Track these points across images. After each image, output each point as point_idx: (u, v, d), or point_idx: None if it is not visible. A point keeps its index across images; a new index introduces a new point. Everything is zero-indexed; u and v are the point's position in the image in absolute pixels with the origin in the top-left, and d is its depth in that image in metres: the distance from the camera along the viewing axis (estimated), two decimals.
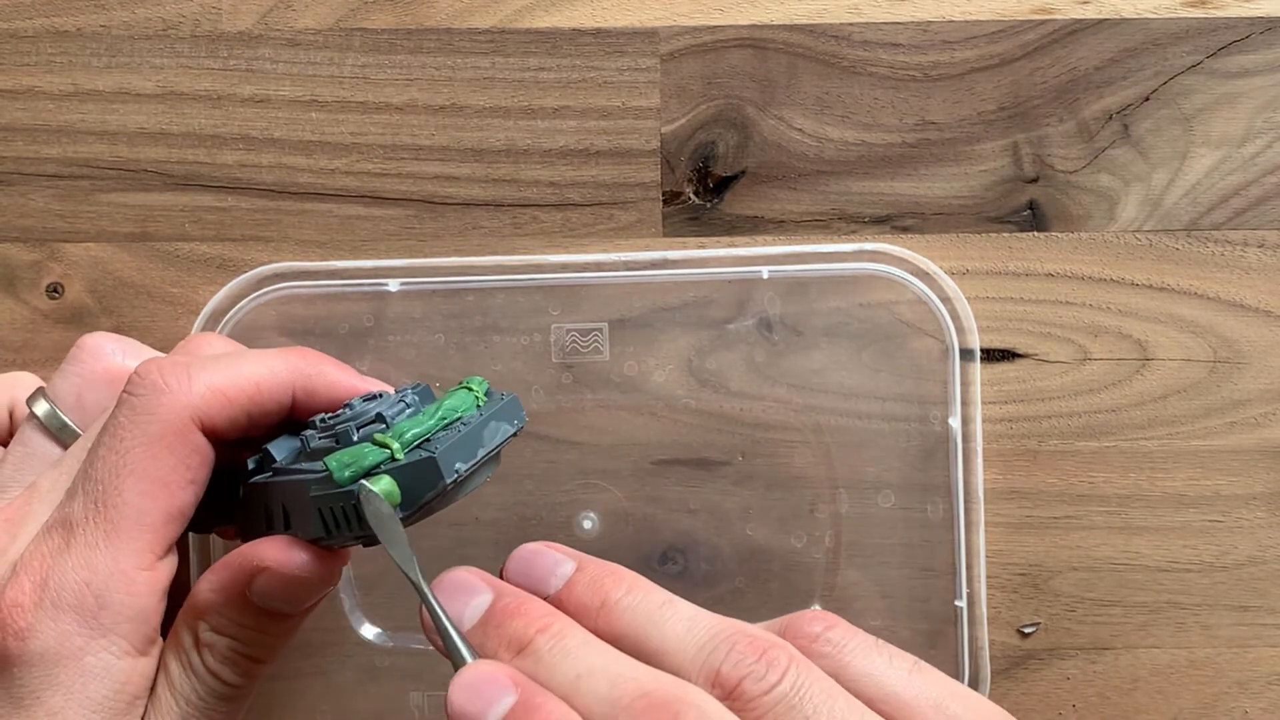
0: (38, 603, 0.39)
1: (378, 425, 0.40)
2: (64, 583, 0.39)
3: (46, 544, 0.40)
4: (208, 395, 0.40)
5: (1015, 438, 0.55)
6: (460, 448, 0.40)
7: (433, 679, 0.54)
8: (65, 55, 0.55)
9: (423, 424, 0.40)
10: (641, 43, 0.55)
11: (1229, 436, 0.55)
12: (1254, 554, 0.55)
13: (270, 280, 0.53)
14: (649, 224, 0.55)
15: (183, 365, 0.41)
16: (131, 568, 0.39)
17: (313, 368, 0.43)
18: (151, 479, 0.40)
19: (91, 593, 0.39)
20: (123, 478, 0.40)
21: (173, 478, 0.40)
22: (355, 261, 0.54)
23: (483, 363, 0.52)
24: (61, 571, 0.39)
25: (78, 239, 0.55)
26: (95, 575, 0.39)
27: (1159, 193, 0.55)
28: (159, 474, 0.40)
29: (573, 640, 0.37)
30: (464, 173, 0.55)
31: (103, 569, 0.39)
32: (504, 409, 0.42)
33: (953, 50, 0.55)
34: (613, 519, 0.54)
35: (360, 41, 0.55)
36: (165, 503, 0.40)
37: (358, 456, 0.39)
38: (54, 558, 0.39)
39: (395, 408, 0.41)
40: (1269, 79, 0.55)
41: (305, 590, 0.41)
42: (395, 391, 0.43)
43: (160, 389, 0.40)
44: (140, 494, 0.40)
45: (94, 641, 0.39)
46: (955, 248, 0.55)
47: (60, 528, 0.40)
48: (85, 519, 0.40)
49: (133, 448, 0.40)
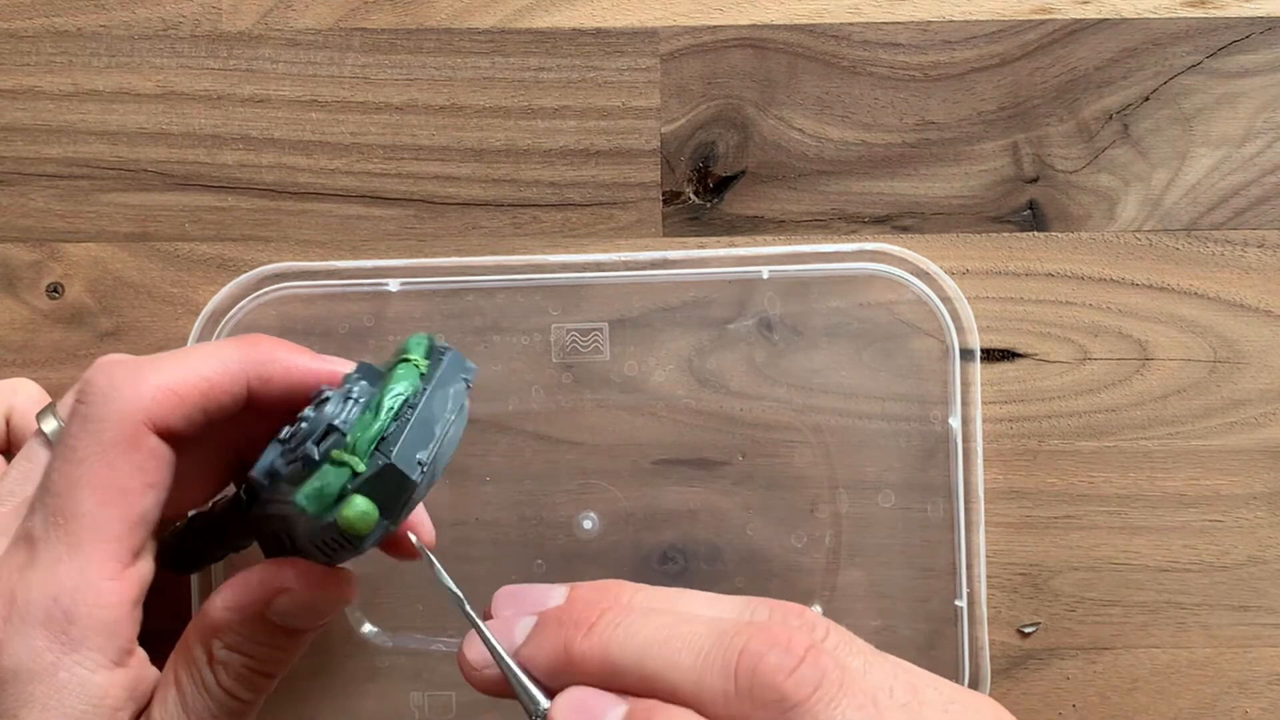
0: (5, 619, 0.39)
1: (334, 437, 0.39)
2: (30, 599, 0.39)
3: (12, 560, 0.40)
4: (158, 396, 0.40)
5: (1015, 438, 0.55)
6: (417, 437, 0.39)
7: (433, 679, 0.54)
8: (65, 55, 0.55)
9: (372, 424, 0.39)
10: (641, 43, 0.55)
11: (1229, 436, 0.55)
12: (1254, 554, 0.55)
13: (270, 280, 0.53)
14: (649, 224, 0.55)
15: (131, 366, 0.40)
16: (97, 578, 0.39)
17: (265, 355, 0.42)
18: (108, 487, 0.39)
19: (60, 607, 0.39)
20: (79, 489, 0.39)
21: (130, 484, 0.40)
22: (355, 262, 0.54)
23: (483, 363, 0.52)
24: (27, 587, 0.39)
25: (78, 239, 0.55)
26: (61, 589, 0.39)
27: (1159, 193, 0.55)
28: (116, 481, 0.39)
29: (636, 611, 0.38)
30: (464, 173, 0.55)
31: (68, 582, 0.39)
32: (448, 370, 0.41)
33: (953, 50, 0.55)
34: (613, 519, 0.54)
35: (360, 41, 0.55)
36: (125, 510, 0.39)
37: (323, 484, 0.38)
38: (19, 574, 0.39)
39: (345, 409, 0.40)
40: (1269, 79, 0.55)
41: (327, 608, 0.41)
42: (342, 381, 0.42)
43: (109, 395, 0.40)
44: (98, 504, 0.39)
45: (66, 656, 0.39)
46: (955, 248, 0.55)
47: (23, 543, 0.40)
48: (46, 533, 0.39)
49: (86, 457, 0.39)
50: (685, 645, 0.36)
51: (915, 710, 0.35)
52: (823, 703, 0.34)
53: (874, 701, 0.34)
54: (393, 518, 0.39)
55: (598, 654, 0.36)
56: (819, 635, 0.36)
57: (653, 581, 0.39)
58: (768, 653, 0.34)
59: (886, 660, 0.36)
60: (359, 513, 0.38)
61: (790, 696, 0.34)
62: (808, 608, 0.37)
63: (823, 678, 0.34)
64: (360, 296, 0.53)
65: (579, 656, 0.37)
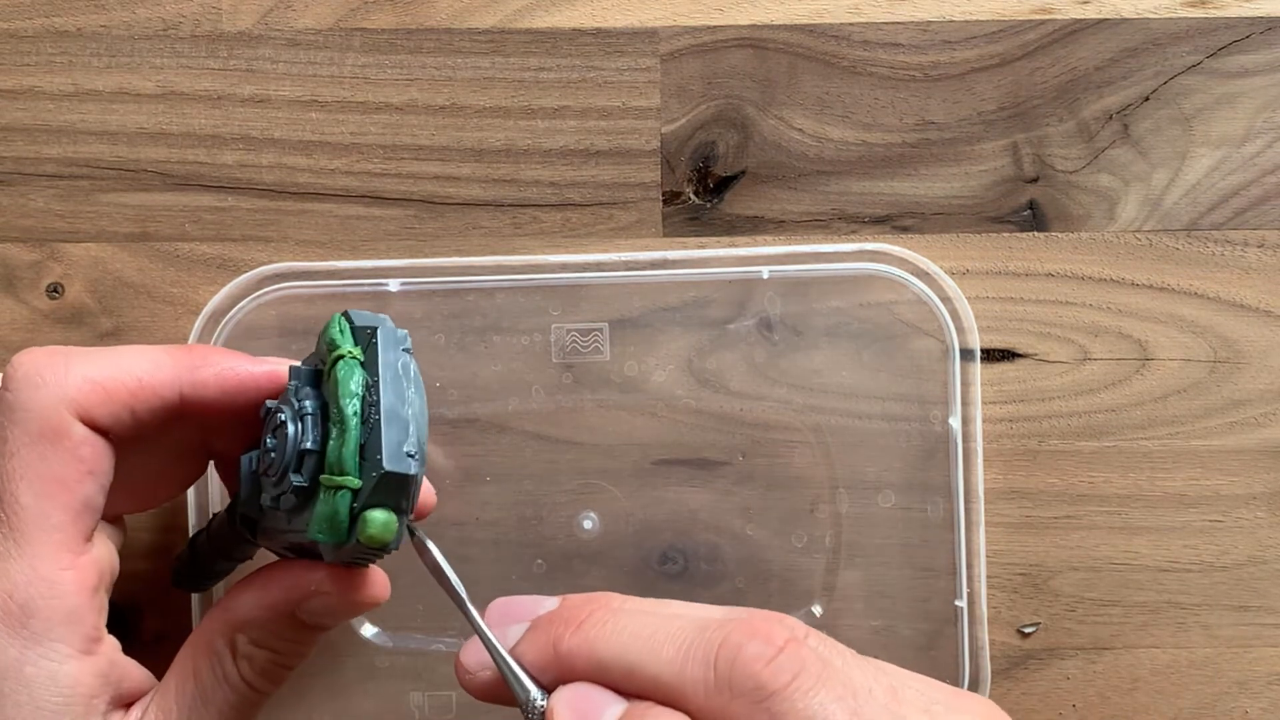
0: None
1: (313, 460, 0.39)
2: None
3: None
4: (84, 387, 0.40)
5: (1015, 438, 0.55)
6: (393, 433, 0.38)
7: (433, 679, 0.54)
8: (65, 55, 0.55)
9: (347, 438, 0.38)
10: (641, 43, 0.55)
11: (1229, 436, 0.55)
12: (1254, 554, 0.55)
13: (271, 280, 0.53)
14: (649, 224, 0.55)
15: (60, 355, 0.40)
16: (50, 570, 0.39)
17: (200, 361, 0.42)
18: (44, 478, 0.39)
19: (15, 602, 0.38)
20: (14, 482, 0.39)
21: (66, 473, 0.39)
22: (355, 262, 0.54)
23: (483, 363, 0.52)
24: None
25: (78, 239, 0.55)
26: (15, 585, 0.38)
27: (1159, 193, 0.55)
28: (50, 472, 0.39)
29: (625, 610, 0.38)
30: (464, 173, 0.55)
31: (20, 577, 0.39)
32: (385, 349, 0.40)
33: (953, 50, 0.55)
34: (613, 519, 0.54)
35: (360, 41, 0.55)
36: (65, 499, 0.39)
37: (331, 512, 0.38)
38: None
39: (305, 427, 0.39)
40: (1269, 79, 0.55)
41: (361, 609, 0.42)
42: (285, 394, 0.41)
43: (35, 383, 0.39)
44: (36, 495, 0.39)
45: (29, 650, 0.38)
46: (955, 248, 0.55)
47: None
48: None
49: (18, 450, 0.39)
50: (668, 639, 0.36)
51: (894, 709, 0.35)
52: (800, 691, 0.34)
53: (853, 694, 0.34)
54: (408, 511, 0.39)
55: (584, 650, 0.37)
56: (800, 633, 0.36)
57: (653, 582, 0.39)
58: (747, 643, 0.35)
59: (869, 662, 0.36)
60: (380, 525, 0.38)
61: (768, 685, 0.34)
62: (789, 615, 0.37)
63: (801, 668, 0.34)
64: (360, 296, 0.53)
65: (566, 652, 0.37)
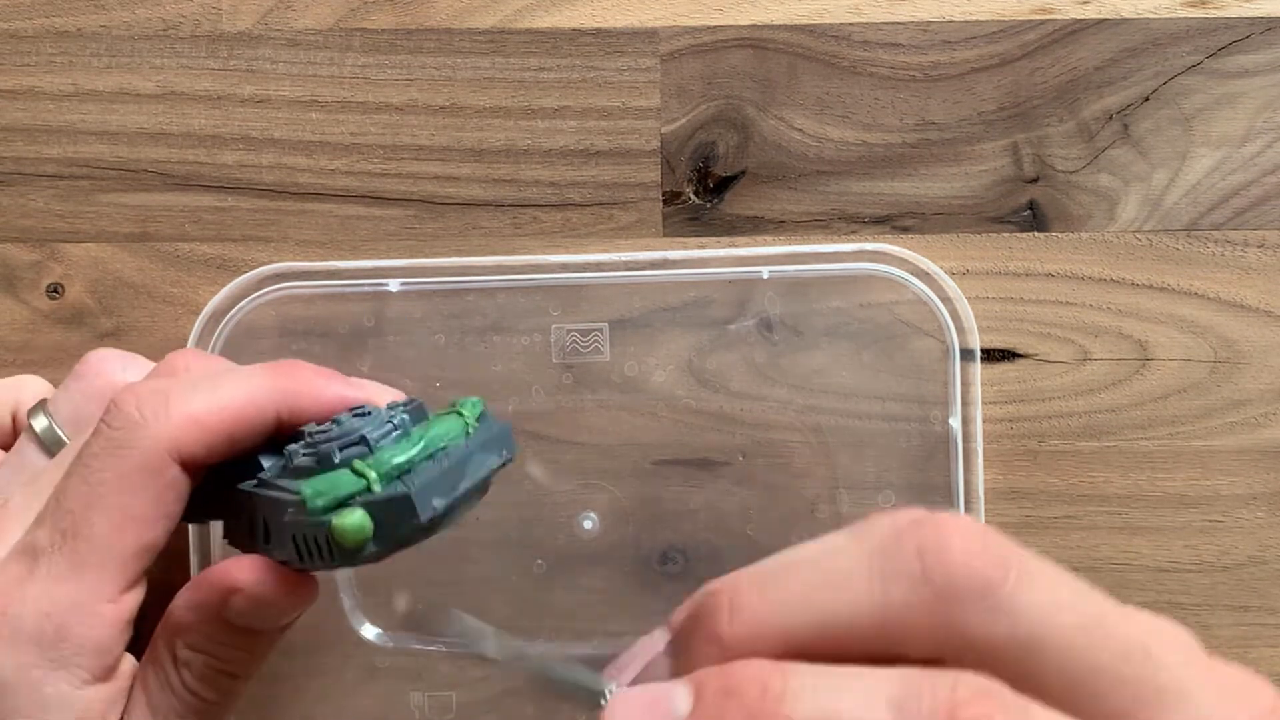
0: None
1: (360, 449, 0.39)
2: (23, 613, 0.38)
3: (9, 571, 0.39)
4: (185, 425, 0.40)
5: (1015, 438, 0.55)
6: (441, 482, 0.38)
7: (433, 679, 0.54)
8: (65, 55, 0.55)
9: (405, 452, 0.38)
10: (641, 43, 0.55)
11: (1229, 437, 0.55)
12: (1254, 554, 0.55)
13: (270, 280, 0.53)
14: (649, 224, 0.55)
15: (161, 394, 0.40)
16: (95, 601, 0.39)
17: (298, 384, 0.42)
18: (123, 514, 0.39)
19: (52, 624, 0.38)
20: (94, 510, 0.39)
21: (146, 513, 0.39)
22: (355, 262, 0.54)
23: (483, 363, 0.52)
24: (21, 602, 0.39)
25: (78, 239, 0.55)
26: (56, 607, 0.38)
27: (1159, 193, 0.55)
28: (131, 510, 0.39)
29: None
30: (464, 173, 0.55)
31: (65, 601, 0.39)
32: (494, 439, 0.41)
33: (953, 50, 0.55)
34: (613, 519, 0.54)
35: (360, 41, 0.55)
36: (135, 538, 0.39)
37: (333, 485, 0.38)
38: (15, 587, 0.39)
39: (382, 429, 0.40)
40: (1269, 79, 0.55)
41: (281, 611, 0.40)
42: (387, 407, 0.41)
43: (137, 422, 0.39)
44: (111, 528, 0.39)
45: (53, 673, 0.39)
46: (955, 248, 0.55)
47: (24, 555, 0.39)
48: (51, 549, 0.39)
49: (105, 480, 0.39)
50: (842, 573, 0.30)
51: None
52: (1025, 578, 0.28)
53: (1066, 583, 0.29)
54: (382, 547, 0.38)
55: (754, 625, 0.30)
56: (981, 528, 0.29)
57: (653, 582, 0.39)
58: (946, 539, 0.29)
59: None
60: (355, 524, 0.37)
61: (993, 579, 0.28)
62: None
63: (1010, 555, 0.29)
64: (360, 297, 0.53)
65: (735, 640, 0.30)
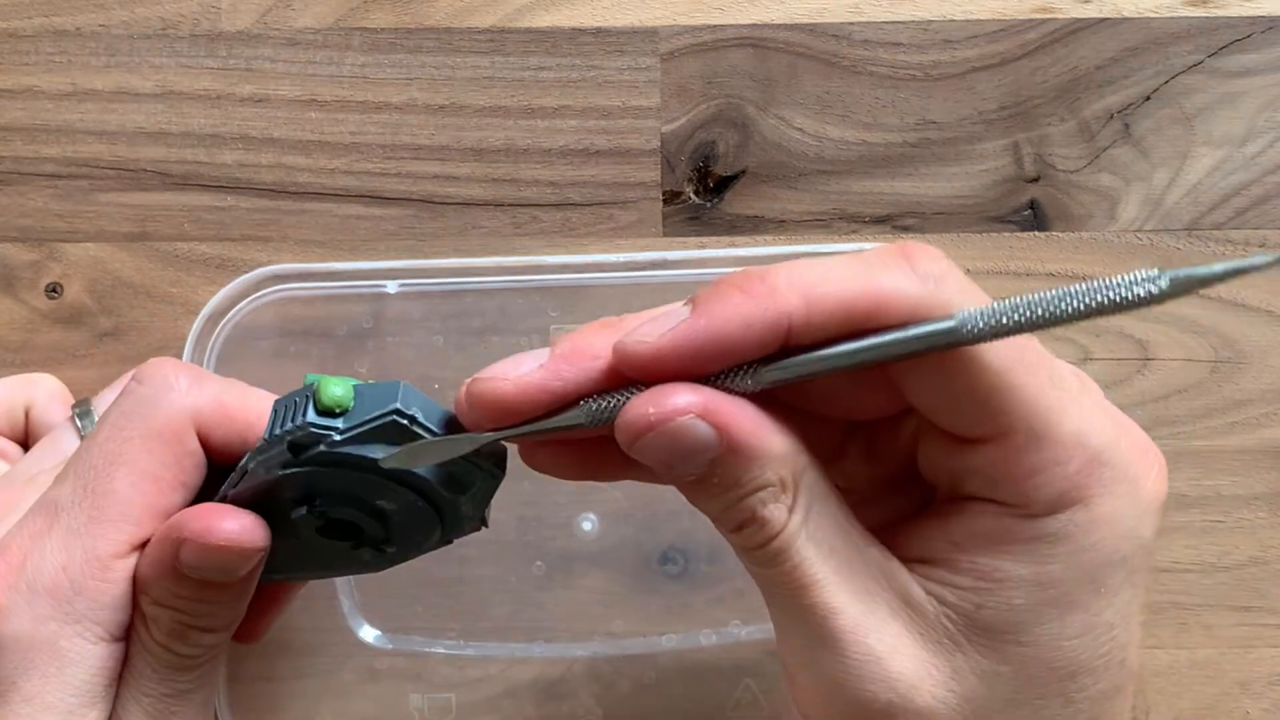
0: (13, 585, 0.39)
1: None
2: (41, 566, 0.39)
3: (30, 526, 0.40)
4: (213, 405, 0.40)
5: None
6: (426, 404, 0.38)
7: (432, 680, 0.54)
8: (65, 55, 0.54)
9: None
10: (641, 42, 0.55)
11: (1230, 437, 0.55)
12: (1255, 554, 0.55)
13: (269, 282, 0.53)
14: (649, 224, 0.55)
15: (196, 370, 0.41)
16: (108, 555, 0.39)
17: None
18: (144, 472, 0.39)
19: (68, 577, 0.39)
20: (115, 466, 0.39)
21: (165, 474, 0.40)
22: (354, 264, 0.54)
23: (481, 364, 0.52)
24: (40, 554, 0.39)
25: (77, 239, 0.55)
26: (72, 560, 0.39)
27: (1160, 192, 0.55)
28: (152, 469, 0.39)
29: None
30: (464, 173, 0.55)
31: (80, 554, 0.39)
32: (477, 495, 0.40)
33: (953, 49, 0.55)
34: (613, 519, 0.54)
35: (360, 41, 0.55)
36: (153, 498, 0.40)
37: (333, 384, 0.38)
38: (34, 540, 0.39)
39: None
40: (1270, 78, 0.55)
41: (234, 560, 0.39)
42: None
43: (170, 385, 0.40)
44: (130, 485, 0.39)
45: (68, 626, 0.39)
46: (956, 247, 0.55)
47: (45, 510, 0.40)
48: (72, 503, 0.39)
49: (131, 438, 0.39)
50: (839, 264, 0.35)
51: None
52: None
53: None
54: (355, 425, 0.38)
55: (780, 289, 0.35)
56: None
57: (653, 582, 0.39)
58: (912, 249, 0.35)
59: None
60: (338, 386, 0.37)
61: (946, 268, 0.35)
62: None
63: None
64: (359, 298, 0.53)
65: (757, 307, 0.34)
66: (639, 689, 0.54)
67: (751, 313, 0.34)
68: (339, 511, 0.40)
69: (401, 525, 0.40)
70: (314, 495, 0.39)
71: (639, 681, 0.54)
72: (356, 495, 0.39)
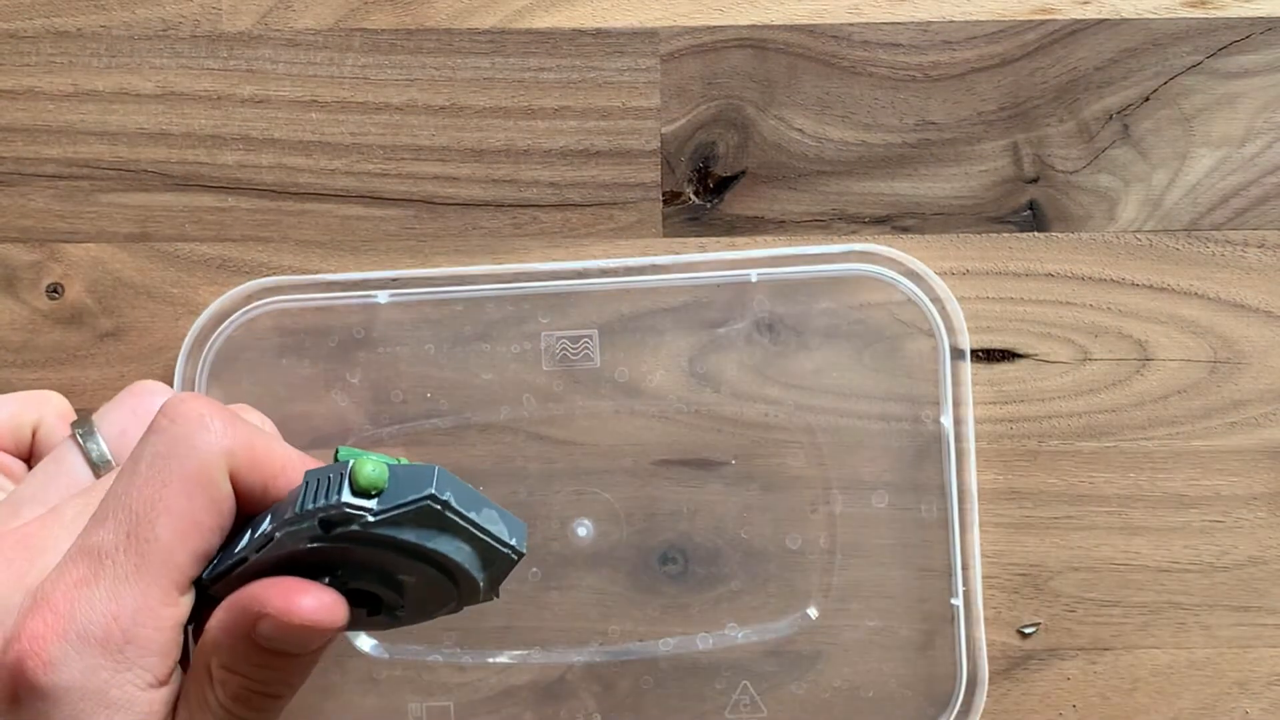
0: (63, 634, 0.38)
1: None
2: (91, 615, 0.38)
3: (71, 574, 0.39)
4: (246, 449, 0.40)
5: (1015, 438, 0.55)
6: (462, 489, 0.38)
7: (431, 689, 0.54)
8: (65, 55, 0.55)
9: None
10: (641, 43, 0.55)
11: (1229, 437, 0.55)
12: (1254, 554, 0.55)
13: (260, 294, 0.53)
14: (649, 224, 0.55)
15: (226, 410, 0.41)
16: (158, 603, 0.39)
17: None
18: (186, 519, 0.39)
19: (119, 627, 0.38)
20: (158, 513, 0.39)
21: (205, 520, 0.39)
22: (343, 275, 0.54)
23: (475, 372, 0.52)
24: (89, 604, 0.39)
25: (78, 239, 0.55)
26: (123, 609, 0.39)
27: (1159, 193, 0.55)
28: (193, 514, 0.39)
29: None
30: (464, 173, 0.55)
31: (130, 603, 0.39)
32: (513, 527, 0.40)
33: (953, 50, 0.55)
34: (610, 522, 0.54)
35: (360, 41, 0.55)
36: (195, 544, 0.39)
37: (366, 464, 0.38)
38: (79, 589, 0.39)
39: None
40: (1269, 79, 0.54)
41: (312, 637, 0.40)
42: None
43: (205, 426, 0.40)
44: (173, 532, 0.39)
45: (119, 675, 0.39)
46: (955, 248, 0.55)
47: (86, 557, 0.39)
48: (115, 550, 0.39)
49: (170, 482, 0.39)
50: None
51: None
52: None
53: None
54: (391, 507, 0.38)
55: None
56: None
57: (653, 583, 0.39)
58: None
59: None
60: (373, 467, 0.37)
61: None
62: None
63: None
64: (350, 309, 0.53)
65: None
66: (637, 691, 0.54)
67: None
68: (360, 582, 0.40)
69: (418, 596, 0.41)
70: (337, 566, 0.39)
71: (637, 684, 0.54)
72: (380, 569, 0.39)
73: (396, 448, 0.54)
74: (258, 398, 0.43)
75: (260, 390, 0.53)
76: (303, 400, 0.53)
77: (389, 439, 0.54)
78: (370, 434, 0.54)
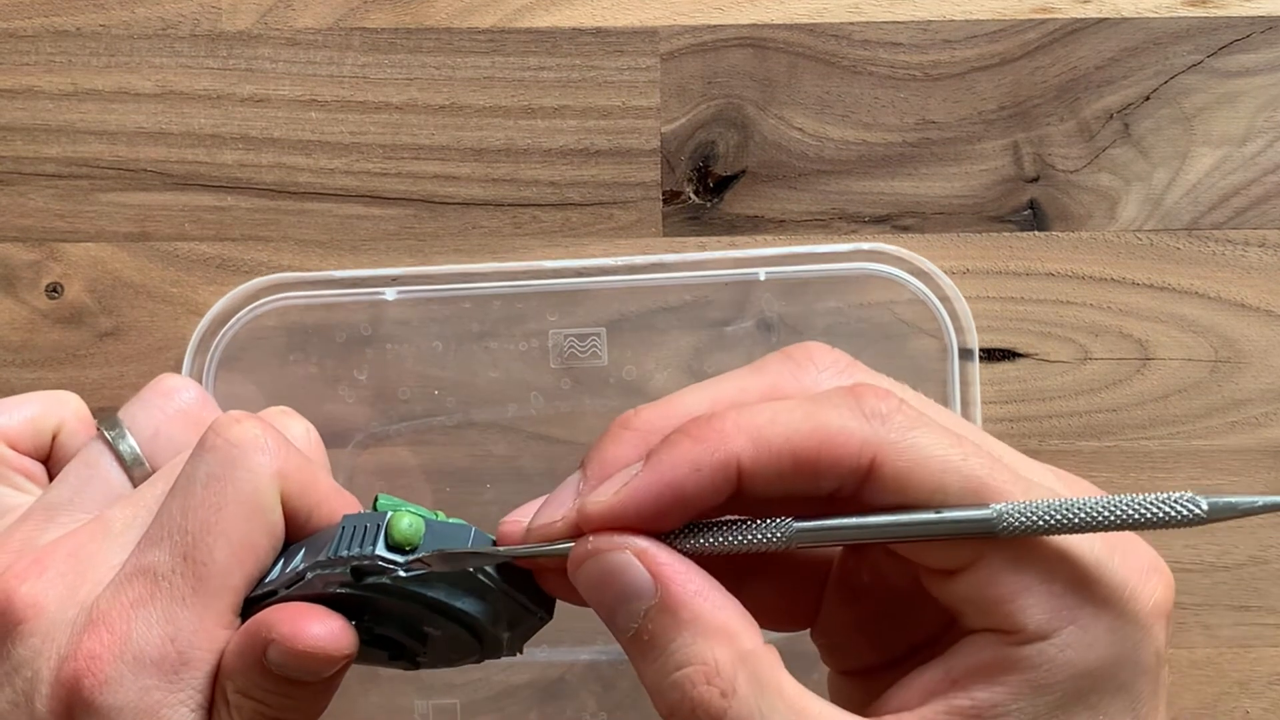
0: (119, 655, 0.38)
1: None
2: (148, 637, 0.38)
3: (128, 593, 0.39)
4: (297, 474, 0.40)
5: (1016, 438, 0.55)
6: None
7: (436, 686, 0.54)
8: (65, 55, 0.55)
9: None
10: (641, 42, 0.55)
11: (1230, 436, 0.55)
12: (1255, 554, 0.55)
13: (267, 291, 0.53)
14: (649, 224, 0.55)
15: (278, 431, 0.40)
16: (214, 625, 0.39)
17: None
18: (241, 542, 0.39)
19: (175, 649, 0.38)
20: (214, 535, 0.39)
21: (260, 543, 0.39)
22: (353, 271, 0.54)
23: (482, 369, 0.52)
24: (146, 625, 0.38)
25: (77, 239, 0.55)
26: (180, 631, 0.39)
27: (1160, 192, 0.55)
28: (249, 538, 0.39)
29: None
30: (464, 172, 0.55)
31: (186, 625, 0.39)
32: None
33: (953, 49, 0.55)
34: None
35: (360, 41, 0.55)
36: (250, 568, 0.39)
37: (404, 517, 0.38)
38: (136, 609, 0.39)
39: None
40: (1269, 78, 0.55)
41: (320, 664, 0.39)
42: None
43: (259, 447, 0.40)
44: (229, 555, 0.39)
45: (172, 695, 0.39)
46: (956, 247, 0.55)
47: (142, 577, 0.39)
48: (171, 572, 0.39)
49: (226, 504, 0.39)
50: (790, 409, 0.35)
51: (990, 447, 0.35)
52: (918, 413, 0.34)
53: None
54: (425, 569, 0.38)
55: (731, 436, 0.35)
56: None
57: None
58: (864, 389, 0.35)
59: None
60: (408, 522, 0.38)
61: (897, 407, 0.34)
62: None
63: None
64: (357, 305, 0.53)
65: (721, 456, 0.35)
66: (639, 689, 0.54)
67: (699, 456, 0.34)
68: (385, 629, 0.40)
69: (441, 647, 0.41)
70: (364, 612, 0.40)
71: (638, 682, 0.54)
72: (406, 619, 0.40)
73: (403, 448, 0.54)
74: (264, 395, 0.43)
75: (267, 387, 0.53)
76: (309, 397, 0.53)
77: (395, 436, 0.54)
78: (376, 431, 0.53)
